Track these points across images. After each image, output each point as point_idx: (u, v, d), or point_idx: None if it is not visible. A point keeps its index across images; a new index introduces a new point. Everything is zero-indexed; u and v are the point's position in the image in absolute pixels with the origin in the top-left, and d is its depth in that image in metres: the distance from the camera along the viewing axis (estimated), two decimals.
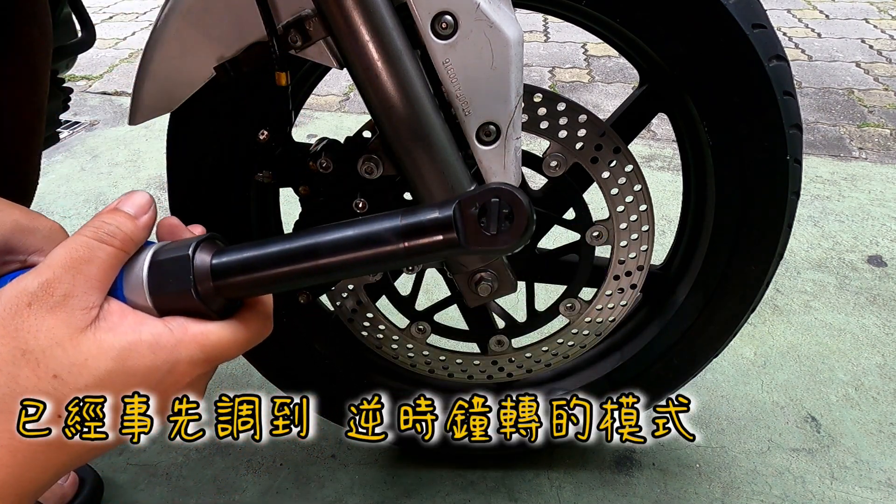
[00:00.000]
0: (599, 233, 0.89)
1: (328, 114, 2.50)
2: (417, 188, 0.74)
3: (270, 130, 0.74)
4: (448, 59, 0.66)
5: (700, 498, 1.07)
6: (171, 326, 0.44)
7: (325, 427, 1.20)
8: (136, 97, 0.73)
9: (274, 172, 0.77)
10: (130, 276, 0.45)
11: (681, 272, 0.97)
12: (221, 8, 0.69)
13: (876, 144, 2.18)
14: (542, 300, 0.98)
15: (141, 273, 0.44)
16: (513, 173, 0.73)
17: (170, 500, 1.09)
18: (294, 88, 0.77)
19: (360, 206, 0.79)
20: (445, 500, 1.08)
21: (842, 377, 1.29)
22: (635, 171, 0.85)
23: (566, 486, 1.10)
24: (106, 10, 3.94)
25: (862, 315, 1.44)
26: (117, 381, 0.42)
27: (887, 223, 1.75)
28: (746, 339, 1.37)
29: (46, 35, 0.91)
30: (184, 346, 0.44)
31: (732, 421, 1.20)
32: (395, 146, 0.72)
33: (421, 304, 0.99)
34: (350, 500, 1.08)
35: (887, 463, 1.11)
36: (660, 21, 0.76)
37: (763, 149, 0.81)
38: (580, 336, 0.96)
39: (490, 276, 0.81)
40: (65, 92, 1.34)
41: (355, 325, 0.98)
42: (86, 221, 0.44)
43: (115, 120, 2.50)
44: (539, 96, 0.81)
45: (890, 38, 3.12)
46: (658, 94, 0.86)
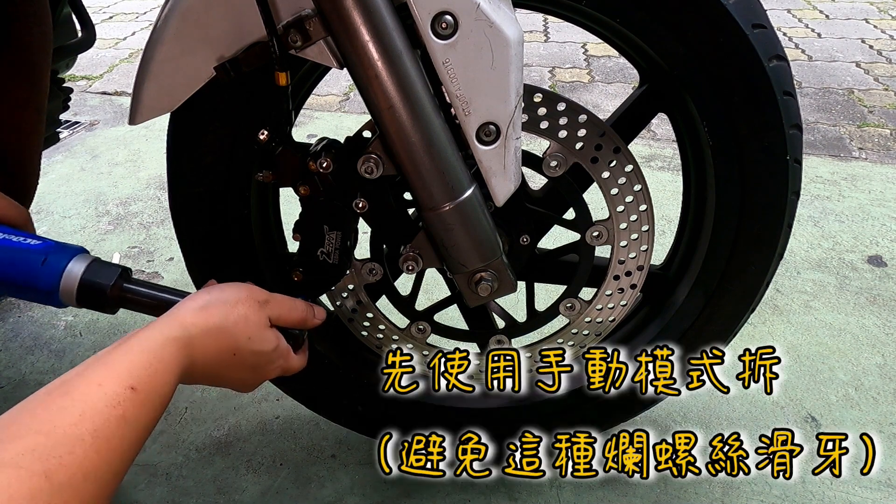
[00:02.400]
0: (599, 233, 0.89)
1: (328, 114, 2.50)
2: (417, 188, 0.74)
3: (270, 130, 0.74)
4: (448, 59, 0.66)
5: (700, 498, 1.07)
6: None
7: (325, 427, 1.20)
8: (137, 97, 0.73)
9: (274, 172, 0.77)
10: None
11: (681, 272, 0.97)
12: (221, 8, 0.69)
13: (876, 144, 2.18)
14: (542, 300, 0.98)
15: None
16: (512, 173, 0.73)
17: (170, 500, 1.09)
18: (294, 88, 0.77)
19: (360, 206, 0.79)
20: (445, 500, 1.08)
21: (842, 377, 1.29)
22: (635, 171, 0.85)
23: (566, 486, 1.10)
24: (106, 10, 3.94)
25: (862, 315, 1.44)
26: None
27: (887, 223, 1.75)
28: (746, 339, 1.37)
29: (46, 35, 0.91)
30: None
31: (732, 421, 1.20)
32: (395, 146, 0.72)
33: (421, 303, 0.99)
34: (350, 500, 1.08)
35: (887, 463, 1.11)
36: (660, 21, 0.76)
37: (763, 149, 0.81)
38: (580, 336, 0.96)
39: (490, 277, 0.81)
40: (65, 92, 1.34)
41: (355, 325, 0.98)
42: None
43: (115, 120, 2.50)
44: (539, 96, 0.81)
45: (890, 38, 3.12)
46: (658, 94, 0.86)
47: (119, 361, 0.58)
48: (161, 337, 0.63)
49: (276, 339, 0.75)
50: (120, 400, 0.54)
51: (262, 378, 0.77)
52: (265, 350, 0.73)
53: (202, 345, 0.67)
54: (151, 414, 0.58)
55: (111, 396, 0.54)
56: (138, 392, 0.56)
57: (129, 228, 1.81)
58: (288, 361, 0.78)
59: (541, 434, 0.92)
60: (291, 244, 0.90)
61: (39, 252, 0.74)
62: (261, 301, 0.74)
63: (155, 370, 0.59)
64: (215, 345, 0.68)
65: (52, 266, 0.74)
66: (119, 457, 0.53)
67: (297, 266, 0.83)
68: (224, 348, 0.69)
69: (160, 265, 1.66)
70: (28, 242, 0.75)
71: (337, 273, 0.83)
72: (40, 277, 0.73)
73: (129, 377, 0.57)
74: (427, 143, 0.70)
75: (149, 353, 0.60)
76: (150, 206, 1.91)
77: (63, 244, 0.77)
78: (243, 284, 0.75)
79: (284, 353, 0.77)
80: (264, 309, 0.74)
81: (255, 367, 0.74)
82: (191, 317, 0.67)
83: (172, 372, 0.62)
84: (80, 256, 0.76)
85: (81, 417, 0.51)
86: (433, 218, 0.75)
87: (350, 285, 0.94)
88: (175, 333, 0.64)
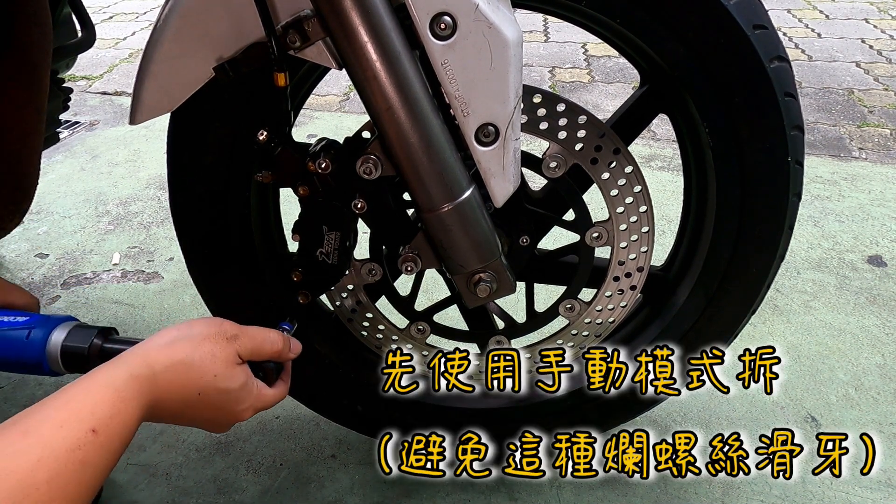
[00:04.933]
0: (599, 234, 0.89)
1: (328, 114, 2.50)
2: (416, 189, 0.74)
3: (270, 130, 0.74)
4: (447, 59, 0.66)
5: (700, 498, 1.07)
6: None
7: (326, 427, 1.20)
8: (137, 97, 0.73)
9: (273, 172, 0.76)
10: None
11: (681, 273, 0.97)
12: (221, 8, 0.69)
13: (876, 144, 2.17)
14: (541, 301, 0.98)
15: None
16: (512, 174, 0.73)
17: (170, 500, 1.09)
18: (294, 89, 0.77)
19: (359, 207, 0.79)
20: (445, 500, 1.08)
21: (842, 377, 1.29)
22: (635, 173, 0.85)
23: (566, 485, 1.10)
24: (106, 10, 3.94)
25: (862, 315, 1.44)
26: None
27: (887, 223, 1.75)
28: (746, 339, 1.37)
29: (46, 35, 0.91)
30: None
31: (732, 421, 1.20)
32: (393, 147, 0.71)
33: (420, 304, 0.99)
34: (350, 500, 1.08)
35: (887, 463, 1.11)
36: (660, 21, 0.75)
37: (764, 150, 0.81)
38: (579, 337, 0.96)
39: (489, 278, 0.81)
40: (65, 92, 1.34)
41: (355, 325, 0.98)
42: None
43: (115, 120, 2.50)
44: (538, 97, 0.81)
45: (890, 38, 3.12)
46: (659, 95, 0.86)
47: (81, 400, 0.57)
48: (125, 374, 0.62)
49: (244, 376, 0.72)
50: (80, 444, 0.53)
51: (233, 418, 0.74)
52: (232, 388, 0.70)
53: (166, 381, 0.65)
54: (112, 456, 0.57)
55: (71, 441, 0.53)
56: (99, 434, 0.55)
57: (129, 228, 1.81)
58: (260, 399, 0.75)
59: (541, 434, 0.92)
60: (291, 244, 0.90)
61: (23, 327, 0.77)
62: (229, 336, 0.72)
63: (118, 410, 0.58)
64: (180, 382, 0.66)
65: (36, 339, 0.77)
66: (75, 501, 0.52)
67: (296, 266, 0.83)
68: (189, 385, 0.67)
69: (160, 265, 1.66)
70: (16, 320, 0.78)
71: (336, 273, 0.83)
72: (26, 351, 0.76)
73: (91, 418, 0.55)
74: (426, 144, 0.70)
75: (112, 392, 0.59)
76: (150, 206, 1.91)
77: (48, 316, 0.79)
78: (214, 319, 0.74)
79: (255, 392, 0.74)
80: (233, 344, 0.72)
81: (223, 406, 0.71)
82: (155, 352, 0.66)
83: (135, 411, 0.60)
84: (63, 325, 0.78)
85: (39, 463, 0.50)
86: (432, 219, 0.75)
87: (349, 285, 0.94)
88: (138, 371, 0.63)
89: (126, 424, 0.59)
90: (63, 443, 0.53)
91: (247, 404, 0.73)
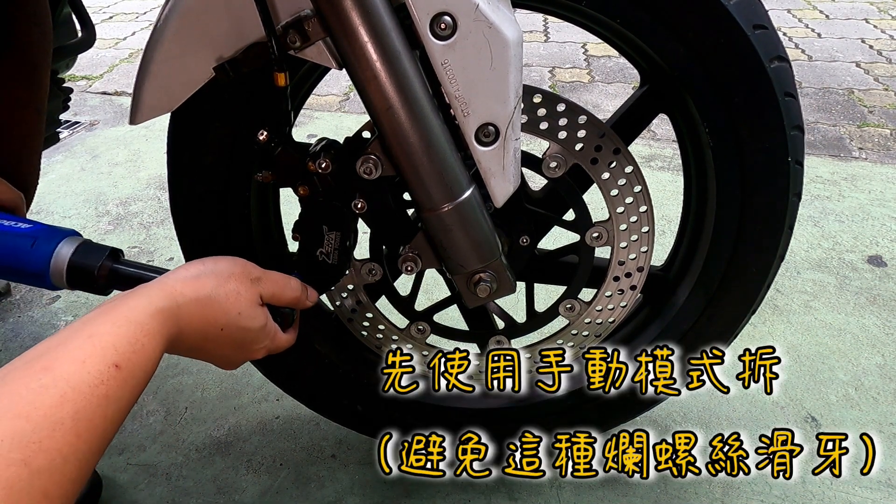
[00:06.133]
0: (599, 234, 0.89)
1: (328, 114, 2.50)
2: (416, 189, 0.74)
3: (270, 130, 0.74)
4: (447, 59, 0.66)
5: (700, 498, 1.07)
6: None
7: (326, 427, 1.20)
8: (137, 97, 0.73)
9: (273, 172, 0.76)
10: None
11: (681, 273, 0.97)
12: (221, 8, 0.68)
13: (876, 144, 2.17)
14: (541, 301, 0.98)
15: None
16: (512, 174, 0.73)
17: (170, 500, 1.09)
18: (294, 89, 0.77)
19: (359, 207, 0.79)
20: (445, 500, 1.08)
21: (842, 377, 1.29)
22: (635, 173, 0.85)
23: (566, 485, 1.10)
24: (106, 10, 3.94)
25: (862, 315, 1.44)
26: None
27: (887, 223, 1.75)
28: (746, 339, 1.37)
29: (46, 35, 0.91)
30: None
31: (732, 421, 1.20)
32: (393, 147, 0.71)
33: (420, 304, 0.99)
34: (350, 500, 1.08)
35: (887, 463, 1.11)
36: (660, 21, 0.76)
37: (764, 150, 0.81)
38: (579, 337, 0.96)
39: (489, 277, 0.81)
40: (65, 92, 1.34)
41: (355, 324, 0.98)
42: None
43: (115, 120, 2.51)
44: (539, 97, 0.81)
45: (890, 38, 3.12)
46: (659, 95, 0.86)
47: (104, 334, 0.56)
48: (149, 307, 0.61)
49: (264, 317, 0.74)
50: (104, 379, 0.53)
51: (246, 356, 0.75)
52: (253, 327, 0.72)
53: (189, 315, 0.65)
54: (135, 390, 0.56)
55: (94, 376, 0.52)
56: (122, 370, 0.54)
57: (129, 228, 1.81)
58: (275, 342, 0.77)
59: (541, 434, 0.92)
60: (291, 244, 0.90)
61: (29, 235, 0.75)
62: (254, 278, 0.73)
63: (141, 345, 0.57)
64: (203, 316, 0.66)
65: (41, 249, 0.74)
66: (100, 436, 0.52)
67: (296, 266, 0.83)
68: (212, 321, 0.67)
69: (160, 265, 1.65)
70: (18, 226, 0.76)
71: (336, 273, 0.83)
72: (30, 260, 0.74)
73: (115, 354, 0.55)
74: (426, 144, 0.70)
75: (135, 326, 0.58)
76: (150, 206, 1.91)
77: (54, 227, 0.77)
78: (238, 259, 0.74)
79: (272, 334, 0.76)
80: (256, 286, 0.73)
81: (241, 343, 0.72)
82: (181, 285, 0.65)
83: (158, 345, 0.60)
84: (70, 239, 0.76)
85: (63, 399, 0.50)
86: (432, 219, 0.75)
87: (350, 285, 0.94)
88: (163, 304, 0.62)
89: (149, 358, 0.58)
90: (87, 377, 0.52)
91: (262, 345, 0.75)
